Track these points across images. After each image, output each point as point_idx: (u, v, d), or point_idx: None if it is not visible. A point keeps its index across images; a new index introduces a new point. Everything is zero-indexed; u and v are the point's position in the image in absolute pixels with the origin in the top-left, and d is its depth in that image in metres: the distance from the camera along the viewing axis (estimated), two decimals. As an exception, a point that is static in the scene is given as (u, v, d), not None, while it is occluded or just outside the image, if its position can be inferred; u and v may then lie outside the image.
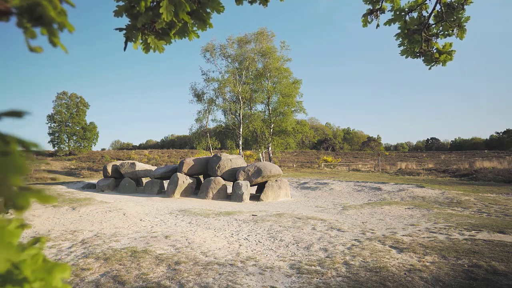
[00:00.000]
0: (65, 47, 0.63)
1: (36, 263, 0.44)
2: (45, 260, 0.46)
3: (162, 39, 1.39)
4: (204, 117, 23.66)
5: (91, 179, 17.92)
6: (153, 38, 1.36)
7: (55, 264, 0.46)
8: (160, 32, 1.36)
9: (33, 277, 0.43)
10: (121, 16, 1.31)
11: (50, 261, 0.46)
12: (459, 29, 2.45)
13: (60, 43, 0.60)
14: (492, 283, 3.09)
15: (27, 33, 0.55)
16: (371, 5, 2.64)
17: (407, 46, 2.57)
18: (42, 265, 0.45)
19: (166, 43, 1.42)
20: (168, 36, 1.39)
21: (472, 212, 7.25)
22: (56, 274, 0.45)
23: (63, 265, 0.47)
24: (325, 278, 3.34)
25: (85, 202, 8.51)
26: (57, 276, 0.45)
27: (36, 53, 0.56)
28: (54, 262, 0.46)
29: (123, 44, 1.35)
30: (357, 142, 69.50)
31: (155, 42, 1.37)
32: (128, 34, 1.34)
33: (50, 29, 0.58)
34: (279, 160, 32.83)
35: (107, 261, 3.86)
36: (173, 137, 77.99)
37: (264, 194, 10.50)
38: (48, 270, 0.45)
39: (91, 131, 33.48)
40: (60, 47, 0.61)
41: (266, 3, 2.00)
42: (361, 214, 7.49)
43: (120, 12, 1.30)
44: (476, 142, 62.24)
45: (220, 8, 1.46)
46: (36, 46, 0.54)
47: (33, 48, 0.54)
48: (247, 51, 23.29)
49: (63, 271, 0.46)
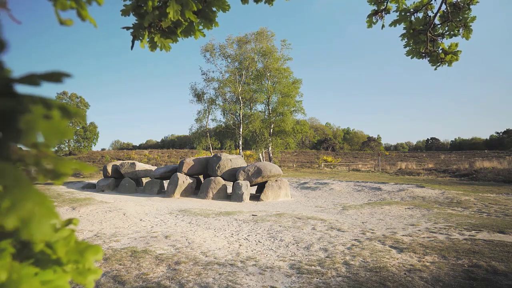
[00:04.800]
0: (94, 20, 0.61)
1: (69, 244, 0.43)
2: (77, 241, 0.45)
3: (169, 37, 1.39)
4: (204, 117, 23.66)
5: (91, 179, 17.92)
6: (159, 37, 1.36)
7: (88, 246, 0.45)
8: (166, 31, 1.36)
9: (67, 258, 0.42)
10: (128, 15, 1.31)
11: (83, 243, 0.45)
12: (465, 29, 2.44)
13: (89, 16, 0.59)
14: (492, 283, 3.08)
15: (58, 3, 0.54)
16: (376, 5, 2.62)
17: (412, 46, 2.56)
18: (74, 246, 0.43)
19: (172, 42, 1.42)
20: (175, 34, 1.39)
21: (472, 212, 7.25)
22: (89, 256, 0.44)
23: (95, 246, 0.45)
24: (325, 278, 3.34)
25: (85, 202, 8.50)
26: (90, 258, 0.44)
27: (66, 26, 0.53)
28: (87, 244, 0.45)
29: (130, 43, 1.35)
30: (357, 142, 69.48)
31: (162, 40, 1.37)
32: (135, 33, 1.34)
33: (79, 2, 0.56)
34: (279, 160, 32.82)
35: (107, 261, 3.86)
36: (173, 137, 78.02)
37: (264, 194, 10.50)
38: (81, 252, 0.44)
39: (92, 131, 33.48)
40: (89, 20, 0.60)
41: (272, 2, 1.99)
42: (361, 214, 7.48)
43: (127, 11, 1.30)
44: (476, 142, 62.23)
45: (226, 7, 1.46)
46: (66, 19, 0.53)
47: (64, 21, 0.52)
48: (247, 51, 23.27)
49: (96, 253, 0.45)
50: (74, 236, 0.44)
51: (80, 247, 0.44)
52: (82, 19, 0.58)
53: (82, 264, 0.43)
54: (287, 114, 23.01)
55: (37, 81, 0.38)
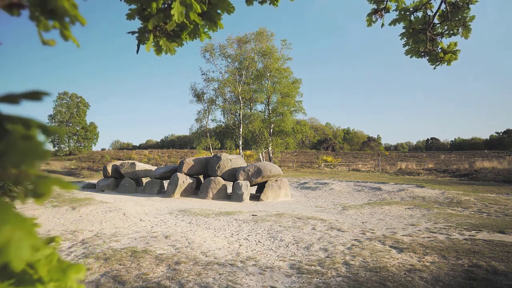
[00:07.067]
0: (76, 41, 0.62)
1: (51, 263, 0.43)
2: (59, 260, 0.45)
3: (174, 41, 1.39)
4: (204, 117, 23.65)
5: (91, 179, 17.92)
6: (165, 40, 1.36)
7: (70, 265, 0.45)
8: (171, 34, 1.36)
9: (48, 277, 0.42)
10: (133, 19, 1.32)
11: (64, 261, 0.45)
12: (464, 28, 2.44)
13: (72, 37, 0.60)
14: (492, 283, 3.08)
15: (40, 25, 0.54)
16: (376, 4, 2.63)
17: (411, 45, 2.56)
18: (57, 265, 0.44)
19: (178, 45, 1.42)
20: (180, 38, 1.39)
21: (472, 212, 7.24)
22: (71, 275, 0.44)
23: (78, 265, 0.45)
24: (325, 278, 3.34)
25: (85, 202, 8.50)
26: (72, 276, 0.44)
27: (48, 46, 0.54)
28: (68, 262, 0.45)
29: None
30: (357, 142, 69.49)
31: (167, 44, 1.37)
32: (141, 37, 1.34)
33: (62, 22, 0.57)
34: (279, 160, 32.82)
35: (107, 261, 3.86)
36: (173, 137, 78.03)
37: (264, 194, 10.50)
38: (63, 270, 0.44)
39: (92, 131, 33.50)
40: (72, 40, 0.60)
41: (277, 3, 1.99)
42: (361, 214, 7.48)
43: (132, 15, 1.30)
44: (476, 142, 62.23)
45: (231, 9, 1.46)
46: (49, 40, 0.53)
47: (46, 42, 0.53)
48: (247, 51, 23.26)
49: (78, 271, 0.45)
50: (57, 255, 0.44)
51: (62, 266, 0.44)
52: (65, 39, 0.59)
53: (64, 282, 0.43)
54: (287, 114, 23.01)
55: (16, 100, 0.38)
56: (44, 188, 0.39)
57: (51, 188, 0.39)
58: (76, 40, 0.61)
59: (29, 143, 0.37)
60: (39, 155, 0.38)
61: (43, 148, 0.38)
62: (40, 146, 0.38)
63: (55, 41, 0.54)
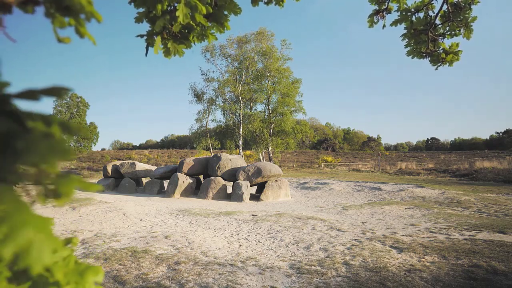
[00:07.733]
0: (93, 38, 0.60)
1: (68, 265, 0.41)
2: (77, 262, 0.43)
3: (182, 43, 1.39)
4: (204, 117, 23.64)
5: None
6: (172, 42, 1.36)
7: (88, 267, 0.43)
8: (179, 36, 1.36)
9: (65, 280, 0.40)
10: (141, 22, 1.33)
11: (82, 264, 0.43)
12: (466, 29, 2.43)
13: (88, 33, 0.58)
14: (492, 283, 3.08)
15: (56, 22, 0.53)
16: (377, 5, 2.62)
17: (413, 46, 2.55)
18: (74, 268, 0.42)
19: (186, 47, 1.42)
20: (188, 39, 1.39)
21: (472, 212, 7.24)
22: (89, 277, 0.42)
23: (96, 267, 0.44)
24: (325, 278, 3.34)
25: (85, 202, 8.50)
26: (90, 279, 0.42)
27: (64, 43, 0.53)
28: (86, 265, 0.43)
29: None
30: (357, 142, 69.49)
31: (175, 46, 1.37)
32: (149, 40, 1.35)
33: (78, 19, 0.56)
34: (279, 160, 32.82)
35: (107, 261, 3.86)
36: (173, 137, 78.05)
37: (264, 194, 10.50)
38: (81, 273, 0.42)
39: (91, 131, 33.50)
40: (88, 37, 0.59)
41: (282, 4, 1.98)
42: (361, 214, 7.48)
43: (140, 18, 1.31)
44: (476, 142, 62.24)
45: (237, 10, 1.45)
46: (64, 37, 0.52)
47: (62, 39, 0.52)
48: (247, 51, 23.25)
49: (96, 274, 0.43)
50: (74, 257, 0.43)
51: (80, 268, 0.42)
52: (81, 36, 0.58)
53: (82, 285, 0.42)
54: (287, 114, 23.01)
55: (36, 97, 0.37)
56: (66, 188, 0.37)
57: (72, 189, 0.38)
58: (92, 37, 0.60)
59: (50, 141, 0.36)
60: (61, 154, 0.36)
61: (65, 146, 0.37)
62: (61, 145, 0.37)
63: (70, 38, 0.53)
